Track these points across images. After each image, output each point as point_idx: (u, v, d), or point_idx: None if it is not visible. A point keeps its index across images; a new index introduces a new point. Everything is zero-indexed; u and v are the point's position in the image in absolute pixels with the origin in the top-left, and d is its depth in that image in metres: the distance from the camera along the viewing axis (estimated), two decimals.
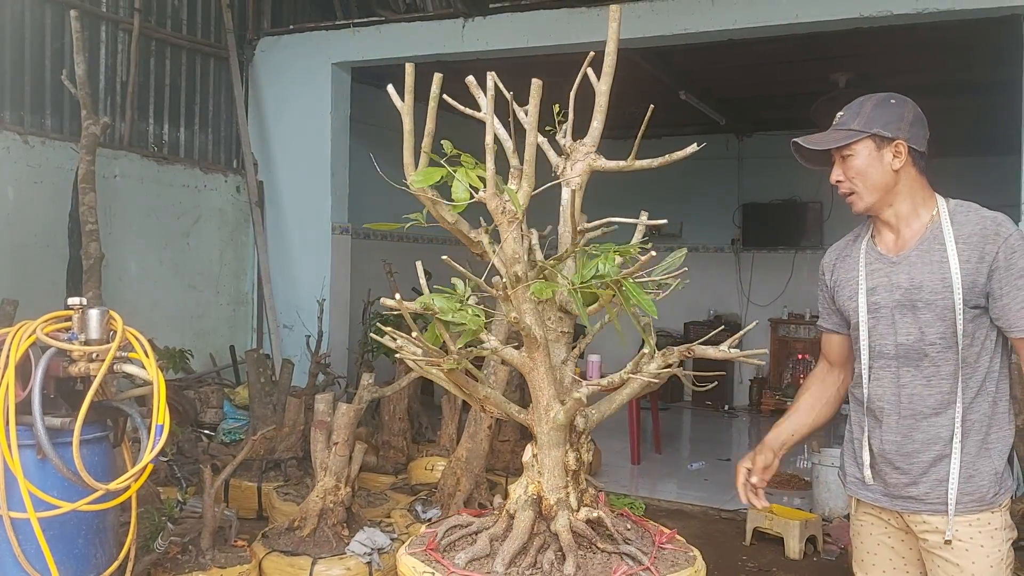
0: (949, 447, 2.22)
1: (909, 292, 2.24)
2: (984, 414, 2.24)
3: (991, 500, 2.23)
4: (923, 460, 2.25)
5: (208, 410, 6.21)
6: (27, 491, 2.87)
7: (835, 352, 2.54)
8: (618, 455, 7.25)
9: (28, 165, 5.63)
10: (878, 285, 2.30)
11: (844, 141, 2.26)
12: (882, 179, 2.25)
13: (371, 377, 4.74)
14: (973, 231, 2.20)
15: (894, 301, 2.27)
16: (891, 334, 2.27)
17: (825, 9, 5.56)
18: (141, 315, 6.10)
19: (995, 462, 2.24)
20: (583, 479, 2.22)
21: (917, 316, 2.23)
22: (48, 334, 2.93)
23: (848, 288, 2.38)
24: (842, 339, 2.50)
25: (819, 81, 7.25)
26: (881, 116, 2.27)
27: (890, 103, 2.30)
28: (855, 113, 2.29)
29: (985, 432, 2.24)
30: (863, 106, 2.30)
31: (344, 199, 7.35)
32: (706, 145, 2.18)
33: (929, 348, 2.22)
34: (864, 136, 2.25)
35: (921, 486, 2.26)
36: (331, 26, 7.29)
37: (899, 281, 2.26)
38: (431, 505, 4.57)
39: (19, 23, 5.69)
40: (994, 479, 2.23)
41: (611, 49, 2.08)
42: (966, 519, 2.23)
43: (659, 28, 5.95)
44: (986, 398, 2.24)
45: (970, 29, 5.65)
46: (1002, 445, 2.26)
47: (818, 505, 5.49)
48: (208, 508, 3.72)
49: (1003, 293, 2.17)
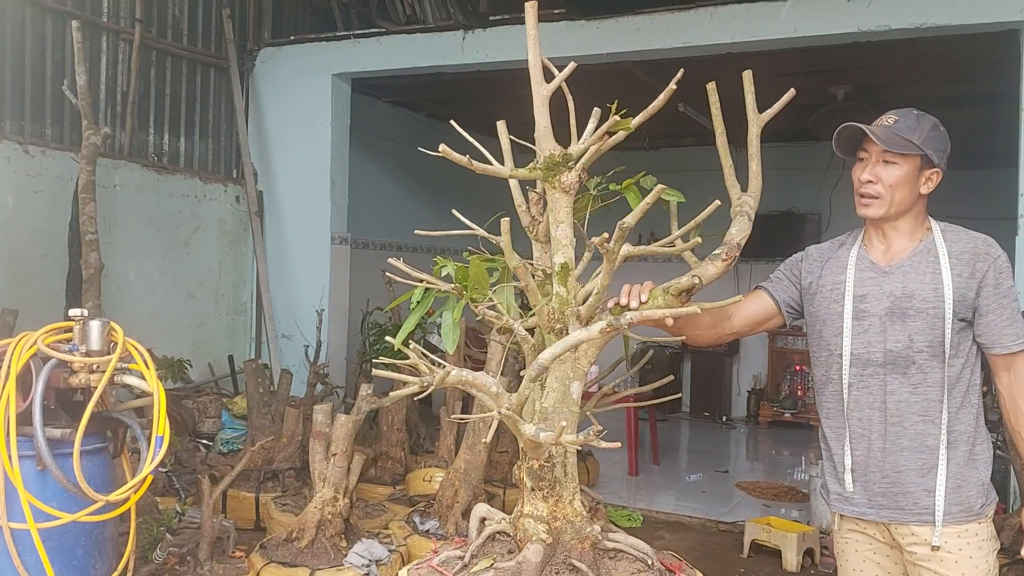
0: (936, 456, 2.26)
1: (900, 300, 2.28)
2: (969, 425, 2.29)
3: (979, 511, 2.28)
4: (910, 468, 2.27)
5: (206, 420, 6.20)
6: (27, 502, 2.87)
7: (749, 311, 2.50)
8: (616, 466, 7.24)
9: (28, 175, 5.64)
10: (868, 293, 2.34)
11: (904, 149, 2.26)
12: (910, 198, 2.30)
13: (369, 387, 4.74)
14: (965, 248, 2.27)
15: (884, 309, 2.30)
16: (880, 341, 2.30)
17: (824, 23, 5.59)
18: (140, 324, 6.11)
19: (981, 473, 2.30)
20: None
21: (907, 324, 2.27)
22: (49, 345, 2.94)
23: (833, 292, 2.39)
24: (766, 308, 2.49)
25: (818, 94, 7.29)
26: (935, 141, 2.29)
27: (940, 130, 2.32)
28: (913, 127, 2.29)
29: (971, 444, 2.29)
30: (920, 122, 2.30)
31: (344, 209, 7.37)
32: (704, 156, 2.24)
33: (917, 356, 2.26)
34: (919, 154, 2.27)
35: (909, 496, 2.28)
36: (331, 37, 7.32)
37: (891, 289, 2.30)
38: (429, 516, 4.56)
39: (20, 33, 5.70)
40: (981, 490, 2.28)
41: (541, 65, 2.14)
42: (955, 530, 2.26)
43: (658, 41, 5.99)
44: (970, 410, 2.29)
45: (968, 43, 5.67)
46: (986, 457, 2.32)
47: (815, 518, 5.49)
48: (206, 519, 3.72)
49: (989, 310, 2.24)
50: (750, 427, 9.94)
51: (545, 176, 2.12)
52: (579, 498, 2.21)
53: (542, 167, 2.11)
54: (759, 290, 2.54)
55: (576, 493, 2.21)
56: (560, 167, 2.10)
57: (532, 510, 2.18)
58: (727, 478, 7.33)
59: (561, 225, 2.13)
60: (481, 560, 2.21)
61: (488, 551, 2.26)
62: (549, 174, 2.11)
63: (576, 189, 2.13)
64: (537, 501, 2.18)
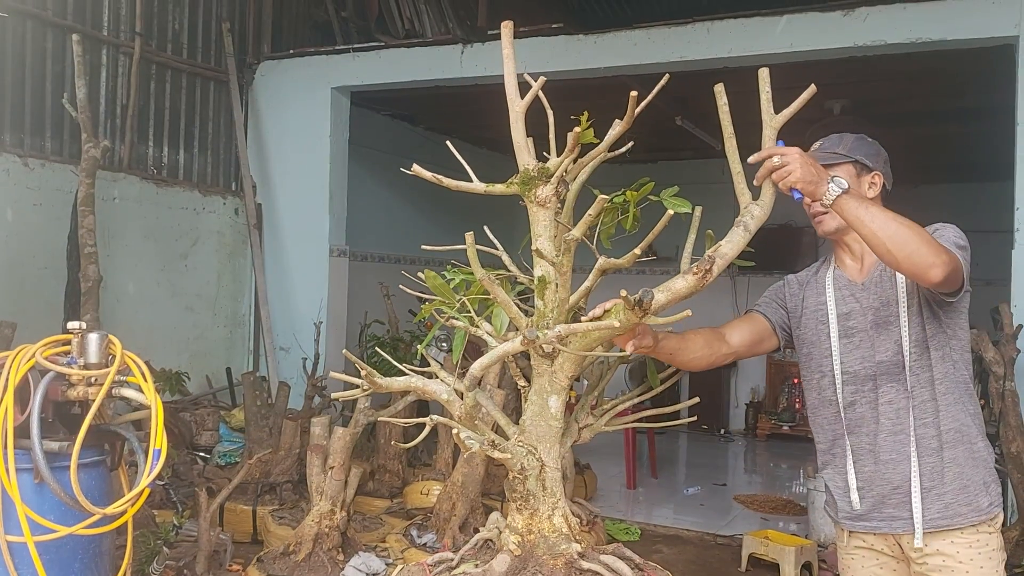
0: (938, 457, 2.27)
1: (880, 310, 2.33)
2: (965, 424, 2.31)
3: (987, 509, 2.28)
4: (916, 474, 2.28)
5: (204, 433, 6.18)
6: (24, 515, 2.87)
7: (745, 331, 2.50)
8: (614, 480, 7.24)
9: (28, 187, 5.66)
10: (852, 310, 2.38)
11: (832, 160, 2.36)
12: None
13: (367, 400, 4.74)
14: None
15: (869, 323, 2.35)
16: (871, 355, 2.34)
17: (820, 38, 5.63)
18: (138, 337, 6.10)
19: (983, 473, 2.31)
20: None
21: (890, 331, 2.31)
22: (47, 358, 2.94)
23: (817, 313, 2.44)
24: (761, 328, 2.51)
25: (814, 108, 7.31)
26: (861, 148, 2.41)
27: (867, 140, 2.44)
28: (836, 143, 2.42)
29: (970, 442, 2.30)
30: (843, 139, 2.43)
31: (342, 222, 7.38)
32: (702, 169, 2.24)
33: (906, 357, 2.29)
34: (848, 161, 2.38)
35: (916, 501, 2.28)
36: (331, 51, 7.35)
37: (871, 303, 2.35)
38: (426, 530, 4.55)
39: (21, 46, 5.72)
40: (984, 488, 2.29)
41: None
42: (965, 539, 2.26)
43: (656, 56, 6.03)
44: (964, 407, 2.31)
45: (963, 58, 5.71)
46: (988, 455, 2.34)
47: (814, 531, 5.48)
48: (203, 532, 3.72)
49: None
50: (748, 440, 9.94)
51: (522, 190, 2.13)
52: (561, 515, 2.20)
53: (518, 182, 2.12)
54: (752, 312, 2.58)
55: (556, 509, 2.20)
56: (536, 181, 2.11)
57: (511, 521, 2.19)
58: (725, 491, 7.32)
59: (540, 239, 2.14)
60: (464, 564, 2.23)
61: (477, 557, 2.27)
62: (526, 188, 2.12)
63: (553, 203, 2.13)
64: (515, 513, 2.19)
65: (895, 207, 2.18)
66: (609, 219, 2.34)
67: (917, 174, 9.09)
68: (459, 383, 2.20)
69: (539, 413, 2.21)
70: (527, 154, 2.12)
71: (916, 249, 2.03)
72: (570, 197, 2.30)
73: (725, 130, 2.18)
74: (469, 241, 2.05)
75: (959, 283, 2.17)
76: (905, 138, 8.10)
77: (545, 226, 2.14)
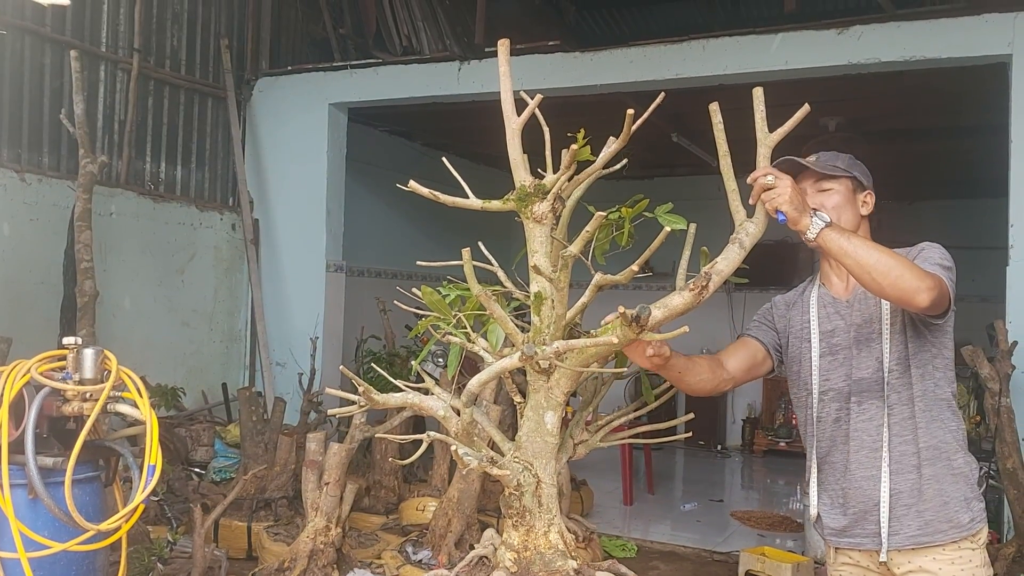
0: (917, 474, 2.28)
1: (862, 327, 2.35)
2: (944, 440, 2.31)
3: (967, 525, 2.28)
4: (901, 491, 2.29)
5: (199, 448, 6.17)
6: (18, 531, 2.86)
7: (740, 356, 2.52)
8: (610, 496, 7.22)
9: (24, 202, 5.66)
10: (836, 328, 2.41)
11: (836, 172, 2.40)
12: (853, 219, 2.39)
13: (363, 416, 4.73)
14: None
15: (851, 340, 2.37)
16: (853, 371, 2.36)
17: (814, 56, 5.68)
18: (134, 352, 6.10)
19: (964, 489, 2.31)
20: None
21: (871, 347, 2.33)
22: (43, 373, 2.93)
23: (803, 332, 2.47)
24: (755, 351, 2.53)
25: (808, 125, 7.34)
26: (857, 167, 2.45)
27: (859, 162, 2.47)
28: (833, 159, 2.45)
29: (948, 459, 2.31)
30: (839, 156, 2.47)
31: (339, 237, 7.40)
32: (697, 185, 2.25)
33: (888, 375, 2.31)
34: (848, 176, 2.41)
35: (902, 520, 2.29)
36: (328, 67, 7.38)
37: (854, 320, 2.38)
38: (422, 546, 4.53)
39: (19, 62, 5.74)
40: (964, 505, 2.29)
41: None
42: (947, 555, 2.27)
43: (652, 73, 6.06)
44: (943, 424, 2.32)
45: (957, 76, 5.75)
46: (969, 471, 2.34)
47: (810, 548, 5.46)
48: (198, 548, 3.70)
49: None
50: (745, 456, 9.92)
51: (518, 207, 2.14)
52: (557, 531, 2.20)
53: (515, 198, 2.13)
54: (744, 337, 2.60)
55: (552, 525, 2.19)
56: (532, 198, 2.12)
57: (507, 538, 2.19)
58: (722, 507, 7.31)
59: (536, 255, 2.14)
60: None
61: (473, 574, 2.26)
62: (522, 205, 2.13)
63: (550, 219, 2.14)
64: (511, 529, 2.19)
65: (890, 223, 2.20)
66: (604, 235, 2.35)
67: (911, 191, 9.16)
68: (455, 399, 2.20)
69: (535, 429, 2.21)
70: (523, 171, 2.13)
71: (900, 275, 2.07)
72: (565, 213, 2.32)
73: (720, 149, 2.21)
74: (466, 257, 2.06)
75: (946, 305, 2.20)
76: (899, 155, 8.15)
77: (541, 242, 2.15)
